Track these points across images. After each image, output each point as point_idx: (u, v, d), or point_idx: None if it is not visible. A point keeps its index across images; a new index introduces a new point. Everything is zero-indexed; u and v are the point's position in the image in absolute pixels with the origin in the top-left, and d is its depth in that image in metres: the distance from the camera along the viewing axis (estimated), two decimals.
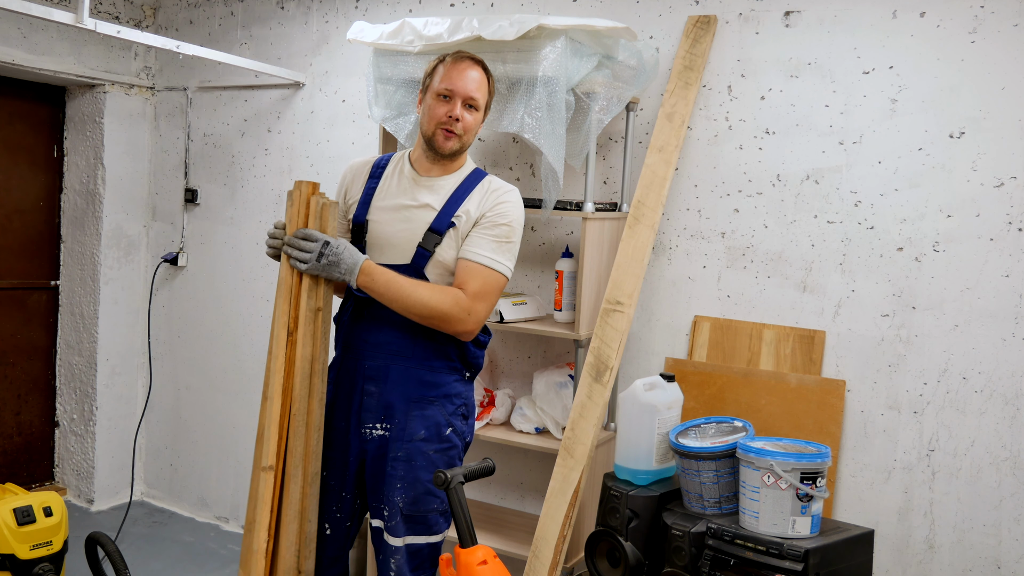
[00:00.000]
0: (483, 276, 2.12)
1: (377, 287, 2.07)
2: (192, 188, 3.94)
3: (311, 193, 2.10)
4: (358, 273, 2.06)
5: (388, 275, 2.08)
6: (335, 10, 3.52)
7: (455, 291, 2.11)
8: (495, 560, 1.97)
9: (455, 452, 2.21)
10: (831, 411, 2.57)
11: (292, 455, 2.09)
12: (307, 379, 2.10)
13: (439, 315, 2.08)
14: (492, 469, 2.11)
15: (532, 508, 3.10)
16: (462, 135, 2.16)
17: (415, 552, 2.18)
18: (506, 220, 2.16)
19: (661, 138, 2.71)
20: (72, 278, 4.02)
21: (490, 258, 2.12)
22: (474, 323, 2.12)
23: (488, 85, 2.22)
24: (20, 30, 3.52)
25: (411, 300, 2.07)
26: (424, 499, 2.16)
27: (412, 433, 2.15)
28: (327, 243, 2.05)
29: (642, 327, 2.90)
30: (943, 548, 2.48)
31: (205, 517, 3.97)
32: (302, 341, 2.09)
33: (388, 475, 2.16)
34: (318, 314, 2.11)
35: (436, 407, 2.17)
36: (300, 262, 2.06)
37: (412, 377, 2.16)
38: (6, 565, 2.69)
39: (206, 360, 3.95)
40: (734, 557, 2.03)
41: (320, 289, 2.10)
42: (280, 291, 2.10)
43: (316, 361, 2.11)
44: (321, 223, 2.09)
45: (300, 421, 2.09)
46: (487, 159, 3.17)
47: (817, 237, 2.63)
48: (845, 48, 2.58)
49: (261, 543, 2.05)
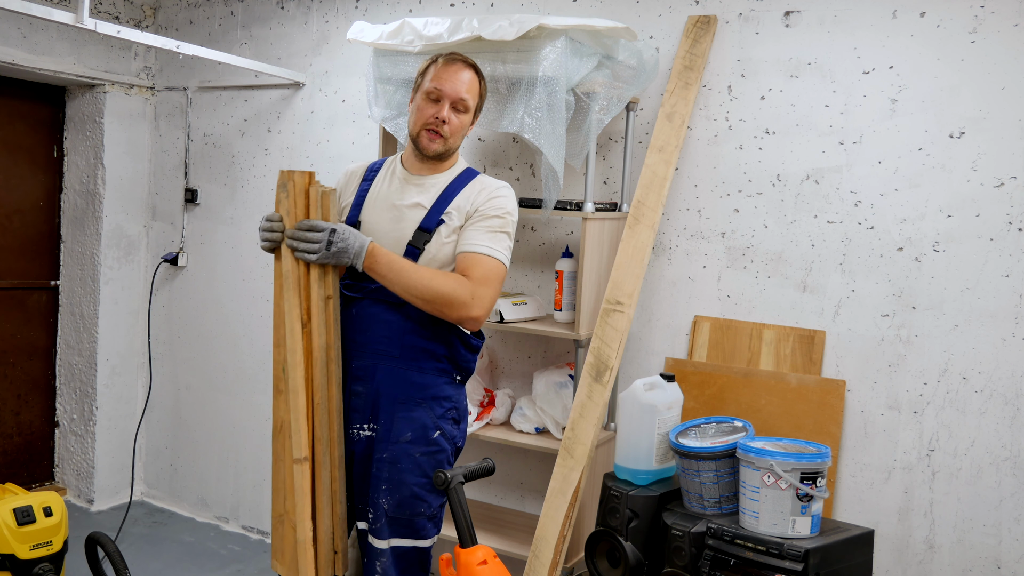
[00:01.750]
0: (483, 264, 2.10)
1: (380, 268, 2.05)
2: (192, 188, 3.94)
3: (308, 183, 2.07)
4: (364, 256, 2.04)
5: (391, 257, 2.07)
6: (335, 10, 3.52)
7: (457, 275, 2.09)
8: (495, 560, 1.98)
9: (443, 456, 2.18)
10: (831, 411, 2.57)
11: (319, 443, 2.10)
12: (325, 367, 2.10)
13: (442, 297, 2.04)
14: (492, 469, 2.11)
15: (532, 508, 3.10)
16: (448, 137, 2.15)
17: (401, 555, 2.15)
18: (499, 212, 2.15)
19: (661, 138, 2.71)
20: (72, 278, 4.02)
21: (487, 247, 2.11)
22: (479, 308, 2.07)
23: (480, 87, 2.21)
24: (20, 30, 3.52)
25: (412, 281, 2.04)
26: (410, 502, 2.13)
27: (398, 435, 2.13)
28: (334, 230, 2.01)
29: (642, 327, 2.90)
30: (943, 548, 2.48)
31: (205, 517, 3.97)
32: (317, 331, 2.08)
33: (373, 476, 2.15)
34: (328, 302, 2.10)
35: (423, 409, 2.15)
36: (309, 253, 2.02)
37: (399, 378, 2.14)
38: (6, 565, 2.69)
39: (206, 360, 3.95)
40: (734, 557, 2.03)
41: (328, 277, 2.09)
42: (287, 284, 2.07)
43: (331, 348, 2.12)
44: (323, 212, 2.06)
45: (323, 409, 2.11)
46: (487, 159, 3.18)
47: (817, 237, 2.63)
48: (845, 48, 2.58)
49: (306, 532, 2.07)
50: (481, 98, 2.23)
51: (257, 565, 3.53)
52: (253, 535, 3.81)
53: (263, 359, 3.75)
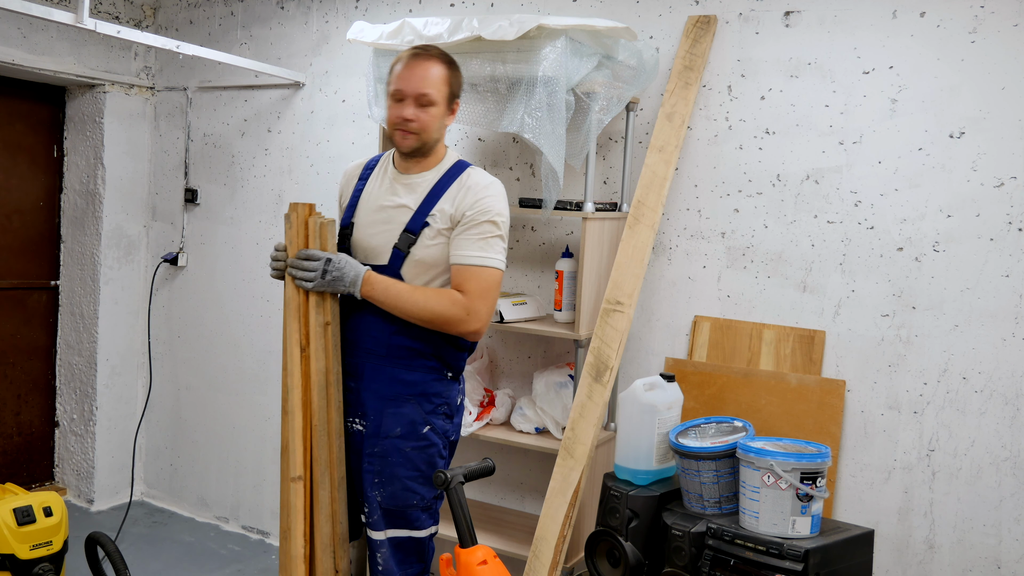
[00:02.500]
0: (477, 276, 2.14)
1: (377, 295, 2.14)
2: (192, 188, 3.94)
3: (308, 214, 2.18)
4: (361, 284, 2.13)
5: (386, 282, 2.15)
6: (335, 10, 3.52)
7: (452, 292, 2.14)
8: (495, 560, 1.98)
9: (434, 450, 2.23)
10: (831, 411, 2.57)
11: (318, 463, 2.20)
12: (324, 390, 2.20)
13: (439, 317, 2.13)
14: (492, 469, 2.11)
15: (532, 508, 3.10)
16: (419, 132, 2.16)
17: (399, 544, 2.22)
18: (487, 217, 2.16)
19: (661, 138, 2.71)
20: (72, 278, 4.02)
21: (478, 256, 2.14)
22: (477, 321, 2.13)
23: (447, 75, 2.19)
24: (20, 30, 3.52)
25: (409, 305, 2.13)
26: (402, 495, 2.19)
27: (387, 430, 2.19)
28: (329, 260, 2.12)
29: (642, 327, 2.90)
30: (943, 548, 2.48)
31: (205, 517, 3.97)
32: (315, 355, 2.18)
33: (365, 471, 2.22)
34: (327, 328, 2.19)
35: (412, 405, 2.19)
36: (305, 281, 2.13)
37: (385, 375, 2.20)
38: (6, 565, 2.69)
39: (206, 360, 3.95)
40: (734, 557, 2.03)
41: (327, 304, 2.19)
42: (288, 310, 2.19)
43: (330, 372, 2.20)
44: (321, 242, 2.17)
45: (322, 431, 2.20)
46: (487, 159, 3.18)
47: (817, 237, 2.63)
48: (845, 48, 2.58)
49: (299, 549, 2.17)
50: (451, 86, 2.21)
51: (257, 565, 3.53)
52: (253, 535, 3.81)
53: (263, 359, 3.75)
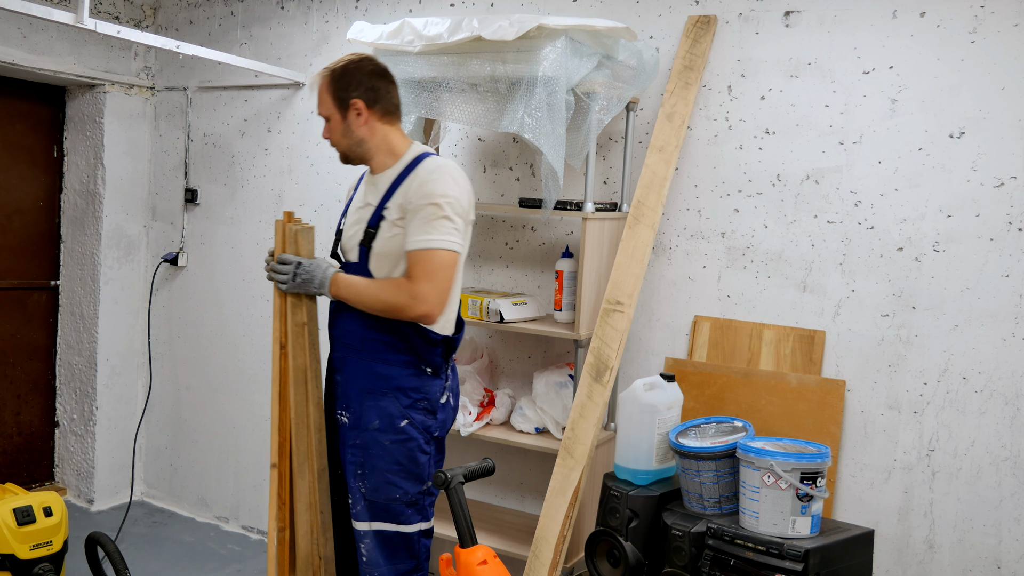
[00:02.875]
0: (420, 259, 2.18)
1: (343, 293, 2.27)
2: (192, 188, 3.94)
3: (287, 221, 2.35)
4: (329, 285, 2.27)
5: (348, 280, 2.27)
6: (335, 10, 3.52)
7: (400, 280, 2.22)
8: (495, 560, 1.98)
9: (414, 444, 2.26)
10: (831, 411, 2.57)
11: (297, 454, 2.33)
12: (302, 386, 2.32)
13: (389, 306, 2.21)
14: (492, 469, 2.12)
15: (532, 508, 3.10)
16: (336, 146, 2.35)
17: (386, 539, 2.27)
18: (429, 200, 2.18)
19: (661, 138, 2.71)
20: (72, 278, 4.02)
21: (422, 240, 2.18)
22: (424, 304, 2.17)
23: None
24: (20, 30, 3.52)
25: (365, 298, 2.24)
26: (384, 488, 2.25)
27: (367, 423, 2.26)
28: (299, 263, 2.28)
29: (642, 327, 2.90)
30: (943, 548, 2.48)
31: (205, 517, 3.97)
32: (293, 353, 2.32)
33: (348, 461, 2.29)
34: (304, 328, 2.33)
35: (389, 399, 2.25)
36: (280, 284, 2.30)
37: (364, 369, 2.28)
38: (6, 565, 2.69)
39: (206, 360, 3.95)
40: (734, 557, 2.03)
41: (303, 306, 2.33)
42: (274, 310, 2.35)
43: (308, 370, 2.34)
44: (296, 247, 2.32)
45: (300, 424, 2.32)
46: (487, 159, 3.18)
47: (817, 237, 2.63)
48: (845, 48, 2.58)
49: (272, 531, 2.34)
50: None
51: (257, 565, 3.53)
52: (253, 535, 3.81)
53: (263, 359, 3.75)
